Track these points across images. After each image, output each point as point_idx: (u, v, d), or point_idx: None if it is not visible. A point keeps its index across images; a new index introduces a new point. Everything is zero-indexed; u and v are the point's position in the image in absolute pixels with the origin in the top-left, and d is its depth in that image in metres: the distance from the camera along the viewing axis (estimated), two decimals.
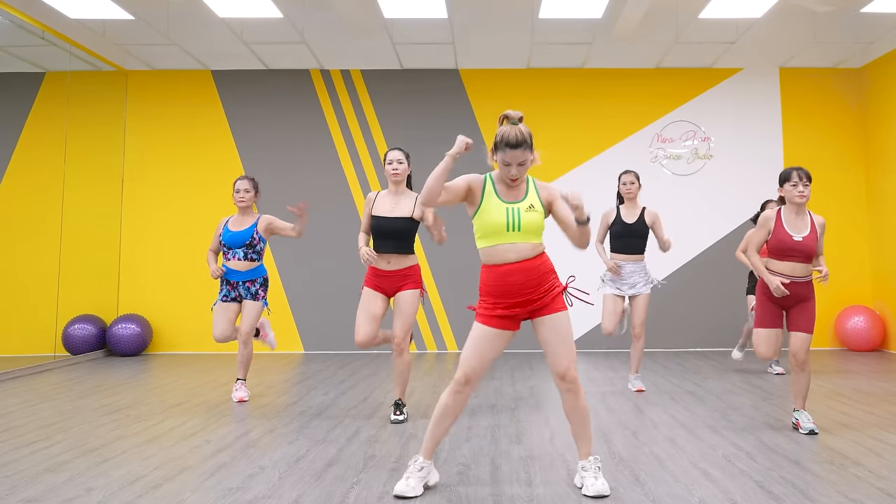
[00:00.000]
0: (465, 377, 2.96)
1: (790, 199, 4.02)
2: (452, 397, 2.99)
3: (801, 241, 3.96)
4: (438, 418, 3.02)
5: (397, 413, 4.40)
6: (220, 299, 5.13)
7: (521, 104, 8.47)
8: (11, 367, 6.56)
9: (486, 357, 2.96)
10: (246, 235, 5.09)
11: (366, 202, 4.52)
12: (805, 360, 4.01)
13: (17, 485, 3.12)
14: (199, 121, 8.55)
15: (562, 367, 2.95)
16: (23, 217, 8.04)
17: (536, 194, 3.02)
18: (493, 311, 2.96)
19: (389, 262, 4.37)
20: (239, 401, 5.10)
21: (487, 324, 2.96)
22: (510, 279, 2.92)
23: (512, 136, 2.89)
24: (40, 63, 8.08)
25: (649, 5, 6.56)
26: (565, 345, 2.95)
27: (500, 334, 2.97)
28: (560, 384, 2.98)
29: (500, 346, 2.99)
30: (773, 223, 4.04)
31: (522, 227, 2.93)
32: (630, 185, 5.46)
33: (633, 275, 5.40)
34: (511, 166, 2.93)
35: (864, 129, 8.49)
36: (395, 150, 4.50)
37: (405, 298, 4.38)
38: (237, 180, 5.19)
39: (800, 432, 4.02)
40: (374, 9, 6.71)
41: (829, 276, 8.19)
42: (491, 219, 2.94)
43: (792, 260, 3.98)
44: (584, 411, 3.01)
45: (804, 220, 4.02)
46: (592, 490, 2.88)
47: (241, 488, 3.05)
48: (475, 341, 2.96)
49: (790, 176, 4.01)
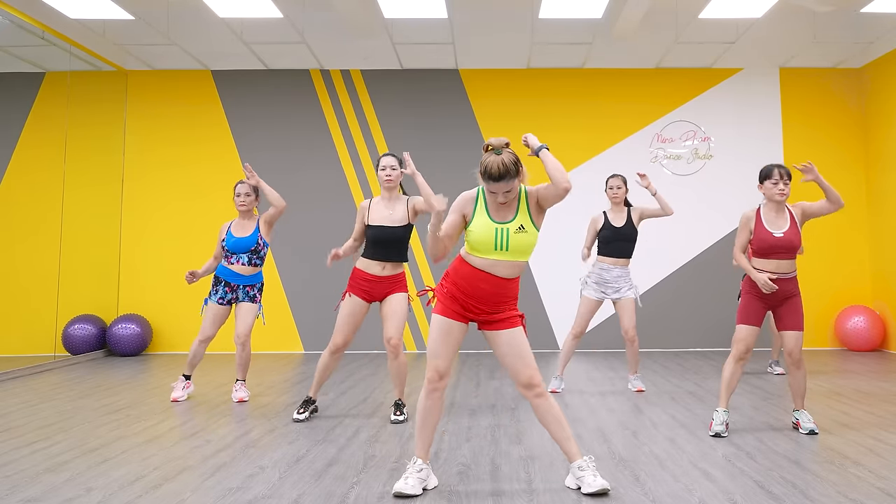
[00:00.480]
0: (438, 373, 3.01)
1: (770, 196, 4.02)
2: (430, 396, 3.03)
3: (782, 237, 3.95)
4: (423, 421, 3.05)
5: (397, 413, 4.40)
6: (216, 301, 5.12)
7: (521, 104, 8.48)
8: (11, 367, 6.56)
9: (451, 349, 3.03)
10: (251, 241, 5.08)
11: (359, 211, 4.50)
12: (801, 358, 4.02)
13: (17, 485, 3.12)
14: (199, 121, 8.55)
15: (524, 376, 3.00)
16: (23, 217, 8.04)
17: (527, 209, 3.01)
18: (449, 304, 3.02)
19: (384, 269, 4.39)
20: (239, 401, 5.10)
21: (444, 314, 3.02)
22: (480, 283, 2.98)
23: (494, 168, 2.86)
24: (40, 63, 8.08)
25: (649, 5, 6.56)
26: (523, 356, 3.01)
27: (457, 325, 3.03)
28: (527, 393, 3.02)
29: (460, 338, 3.06)
30: (754, 223, 4.05)
31: (511, 248, 2.96)
32: (617, 189, 5.46)
33: (619, 279, 5.39)
34: (497, 194, 2.96)
35: (864, 129, 8.49)
36: (388, 156, 4.50)
37: (396, 301, 4.40)
38: (238, 184, 5.17)
39: (800, 432, 4.02)
40: (374, 9, 6.71)
41: (829, 276, 8.23)
42: (480, 237, 2.97)
43: (776, 257, 3.97)
44: (558, 413, 3.04)
45: (783, 216, 4.02)
46: (596, 486, 2.88)
47: (241, 488, 3.05)
48: (438, 335, 3.02)
49: (771, 173, 4.00)
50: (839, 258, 8.31)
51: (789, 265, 3.98)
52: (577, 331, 5.41)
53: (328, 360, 4.42)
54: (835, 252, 8.28)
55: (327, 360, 4.42)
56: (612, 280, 5.38)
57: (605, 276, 5.39)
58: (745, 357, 4.02)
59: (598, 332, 8.15)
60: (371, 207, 4.46)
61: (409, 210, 4.43)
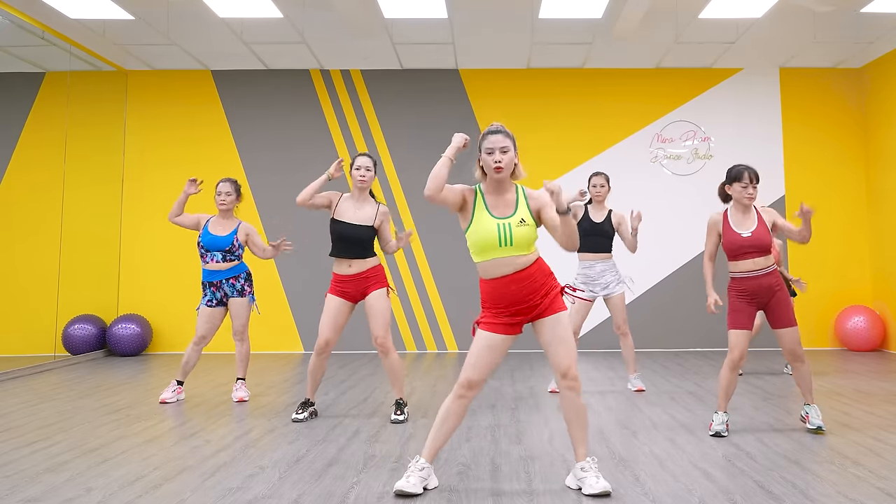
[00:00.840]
0: (469, 382, 3.01)
1: (739, 199, 4.02)
2: (456, 402, 3.03)
3: (750, 237, 3.95)
4: (441, 422, 3.05)
5: (398, 413, 4.40)
6: (206, 304, 5.11)
7: (521, 104, 8.48)
8: (11, 367, 6.56)
9: (490, 362, 3.02)
10: (226, 242, 5.09)
11: (327, 194, 4.47)
12: (802, 353, 4.01)
13: (17, 485, 3.12)
14: (199, 121, 8.55)
15: (563, 365, 2.99)
16: (23, 217, 8.04)
17: (526, 205, 3.04)
18: (497, 319, 3.00)
19: (351, 266, 4.40)
20: (239, 400, 5.10)
21: (492, 330, 3.01)
22: (509, 289, 2.97)
23: (493, 125, 3.06)
24: (40, 63, 8.08)
25: (649, 5, 6.56)
26: (565, 344, 2.99)
27: (504, 339, 3.02)
28: (562, 382, 3.02)
29: (504, 351, 3.05)
30: (722, 226, 4.06)
31: (515, 241, 2.96)
32: (600, 187, 5.50)
33: (605, 274, 5.41)
34: (494, 153, 2.99)
35: (864, 128, 8.49)
36: (364, 157, 4.51)
37: (375, 298, 4.41)
38: (219, 182, 5.18)
39: (807, 426, 4.01)
40: (374, 9, 6.71)
41: (828, 276, 8.22)
42: (483, 236, 2.97)
43: (749, 257, 3.96)
44: (583, 410, 3.05)
45: (751, 217, 4.03)
46: (597, 488, 2.89)
47: (241, 488, 3.05)
48: (480, 348, 3.01)
49: (741, 176, 3.99)
50: (839, 258, 8.31)
51: (765, 261, 3.97)
52: (573, 330, 5.40)
53: (316, 362, 4.45)
54: (835, 252, 8.28)
55: (316, 362, 4.45)
56: (596, 276, 5.40)
57: (590, 272, 5.42)
58: (741, 363, 4.02)
59: (598, 332, 8.15)
60: (340, 202, 4.47)
61: (378, 218, 4.46)
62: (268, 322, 8.21)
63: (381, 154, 8.48)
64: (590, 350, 8.10)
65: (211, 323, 5.11)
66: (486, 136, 3.03)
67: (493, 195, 3.05)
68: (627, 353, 5.49)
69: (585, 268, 5.44)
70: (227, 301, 5.14)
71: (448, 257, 8.17)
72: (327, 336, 4.39)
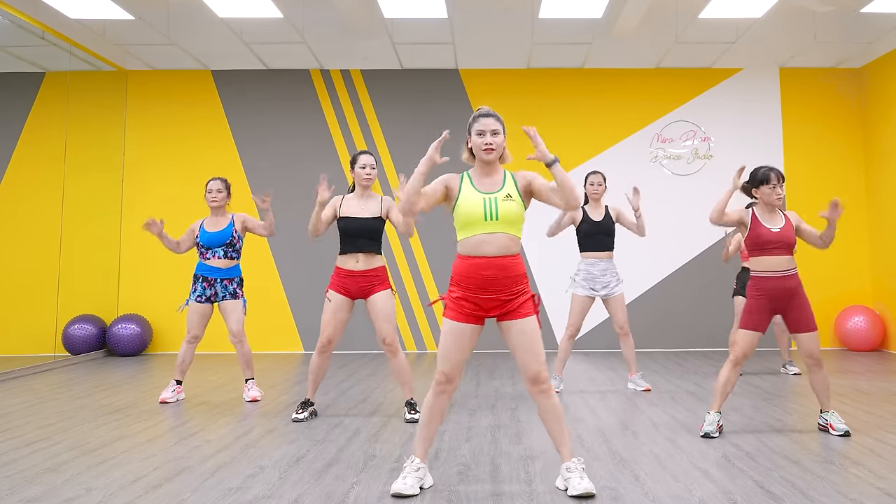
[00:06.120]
0: (446, 376, 3.01)
1: (769, 201, 4.01)
2: (438, 397, 3.04)
3: (779, 232, 3.95)
4: (427, 419, 3.07)
5: (412, 412, 4.39)
6: (194, 300, 5.11)
7: (521, 104, 8.48)
8: (11, 367, 6.56)
9: (459, 352, 3.00)
10: (225, 235, 5.10)
11: (330, 204, 4.48)
12: (820, 358, 3.99)
13: (17, 485, 3.12)
14: (199, 121, 8.55)
15: (532, 371, 2.98)
16: (23, 217, 8.04)
17: (514, 184, 3.05)
18: (461, 306, 2.98)
19: (358, 262, 4.39)
20: (252, 400, 5.10)
21: (454, 318, 2.99)
22: (483, 272, 2.94)
23: (482, 108, 3.11)
24: (40, 63, 8.08)
25: (649, 5, 6.56)
26: (534, 349, 2.98)
27: (467, 329, 2.99)
28: (532, 388, 3.01)
29: (471, 341, 3.03)
30: (749, 219, 4.03)
31: (500, 216, 2.96)
32: (598, 185, 5.51)
33: (606, 273, 5.41)
34: (484, 135, 3.02)
35: (863, 128, 8.49)
36: (367, 155, 4.51)
37: (381, 299, 4.41)
38: (209, 181, 5.18)
39: (831, 434, 3.96)
40: (374, 9, 6.71)
41: (828, 275, 8.23)
42: (469, 209, 2.97)
43: (774, 254, 3.95)
44: (559, 411, 3.04)
45: (778, 216, 4.04)
46: (580, 488, 2.87)
47: (241, 488, 3.05)
48: (446, 339, 3.01)
49: (768, 178, 3.99)
50: (839, 258, 8.31)
51: (788, 261, 3.96)
52: (572, 331, 5.42)
53: (318, 360, 4.45)
54: (835, 252, 8.28)
55: (318, 360, 4.45)
56: (599, 274, 5.40)
57: (593, 270, 5.41)
58: (743, 361, 4.01)
59: (598, 332, 8.16)
60: (343, 203, 4.48)
61: (384, 208, 4.45)
62: (268, 322, 8.21)
63: (381, 154, 8.48)
64: (590, 350, 8.11)
65: (203, 320, 5.11)
66: (476, 119, 3.05)
67: (480, 176, 3.06)
68: (628, 354, 5.49)
69: (588, 265, 5.44)
70: (214, 300, 5.13)
71: (448, 257, 8.16)
72: (330, 333, 4.38)
